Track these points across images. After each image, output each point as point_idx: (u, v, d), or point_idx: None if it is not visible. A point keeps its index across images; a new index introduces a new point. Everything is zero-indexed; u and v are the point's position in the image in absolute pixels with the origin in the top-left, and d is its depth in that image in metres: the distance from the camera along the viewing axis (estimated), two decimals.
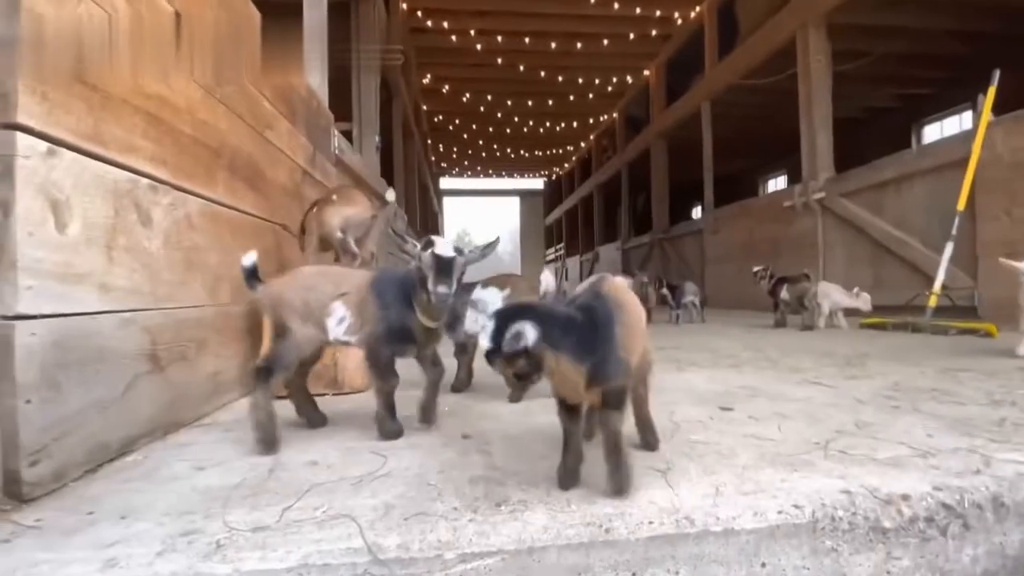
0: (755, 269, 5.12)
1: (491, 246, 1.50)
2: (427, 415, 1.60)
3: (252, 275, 1.51)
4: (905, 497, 1.02)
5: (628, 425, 1.14)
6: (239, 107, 2.07)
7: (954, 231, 4.19)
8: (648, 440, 1.34)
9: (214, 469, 1.27)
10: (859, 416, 1.62)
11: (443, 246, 1.38)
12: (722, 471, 1.17)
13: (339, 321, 1.50)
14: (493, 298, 1.92)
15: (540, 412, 1.78)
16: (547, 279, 1.34)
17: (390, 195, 3.09)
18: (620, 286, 1.19)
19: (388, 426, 1.49)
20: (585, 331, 1.02)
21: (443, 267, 1.36)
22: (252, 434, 1.40)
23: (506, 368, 1.00)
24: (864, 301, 4.60)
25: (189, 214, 1.72)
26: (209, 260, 1.83)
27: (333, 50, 4.24)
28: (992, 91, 4.21)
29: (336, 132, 3.72)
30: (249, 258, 1.51)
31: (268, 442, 1.38)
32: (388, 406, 1.50)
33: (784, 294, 4.80)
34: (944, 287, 4.27)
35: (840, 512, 0.98)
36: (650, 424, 1.34)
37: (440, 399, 1.67)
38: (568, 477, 1.10)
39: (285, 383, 1.59)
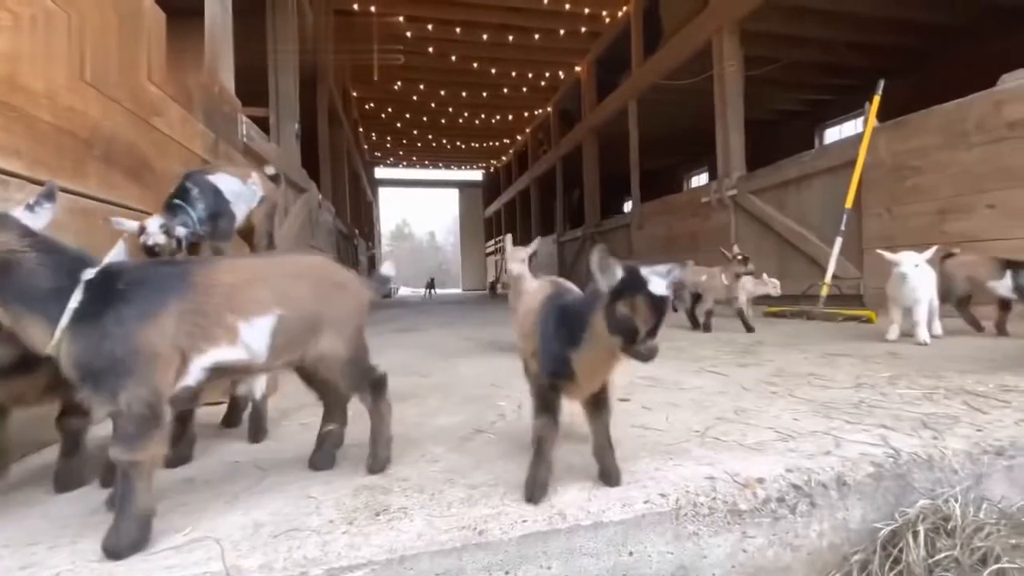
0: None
1: None
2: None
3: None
4: (760, 480, 1.12)
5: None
6: (116, 92, 1.89)
7: (843, 227, 4.61)
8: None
9: (74, 492, 1.17)
10: (740, 403, 1.75)
11: None
12: None
13: None
14: None
15: (442, 414, 1.77)
16: None
17: (270, 169, 2.44)
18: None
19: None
20: None
21: None
22: None
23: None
24: (773, 286, 4.88)
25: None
26: None
27: (247, 33, 3.97)
28: (877, 99, 4.63)
29: (244, 119, 3.50)
30: None
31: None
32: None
33: None
34: (835, 277, 4.70)
35: (702, 498, 1.05)
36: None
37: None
38: (541, 489, 1.05)
39: None
